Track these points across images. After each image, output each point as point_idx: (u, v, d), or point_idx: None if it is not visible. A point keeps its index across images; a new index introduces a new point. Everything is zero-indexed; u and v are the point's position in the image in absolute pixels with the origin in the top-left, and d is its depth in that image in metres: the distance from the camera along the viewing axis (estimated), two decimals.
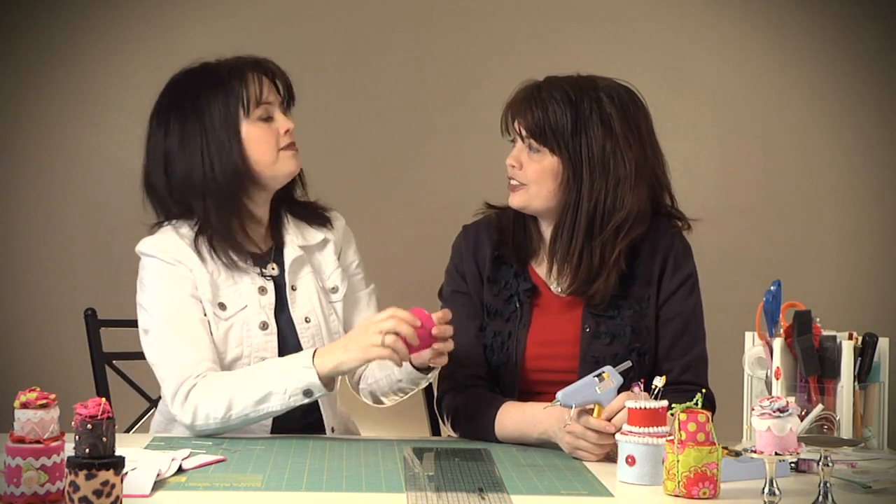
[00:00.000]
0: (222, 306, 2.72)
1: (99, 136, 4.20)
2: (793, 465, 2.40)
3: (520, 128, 2.71)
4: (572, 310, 2.74)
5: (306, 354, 2.61)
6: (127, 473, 2.10)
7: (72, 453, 1.99)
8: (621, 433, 2.29)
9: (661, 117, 2.79)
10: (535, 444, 2.58)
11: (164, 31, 4.15)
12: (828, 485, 2.08)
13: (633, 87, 2.74)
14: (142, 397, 3.09)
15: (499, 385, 2.74)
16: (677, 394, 2.46)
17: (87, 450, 1.97)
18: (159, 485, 2.18)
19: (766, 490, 2.06)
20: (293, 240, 2.81)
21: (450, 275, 2.83)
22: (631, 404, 2.29)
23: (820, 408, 2.43)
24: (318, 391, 2.59)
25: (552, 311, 2.75)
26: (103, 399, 2.00)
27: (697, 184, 4.07)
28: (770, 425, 2.04)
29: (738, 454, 2.40)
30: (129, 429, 3.02)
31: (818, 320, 2.59)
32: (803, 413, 2.37)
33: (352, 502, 2.15)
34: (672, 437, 2.17)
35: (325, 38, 4.23)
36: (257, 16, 4.20)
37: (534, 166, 2.70)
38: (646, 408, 2.28)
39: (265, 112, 2.73)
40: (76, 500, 1.95)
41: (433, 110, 4.27)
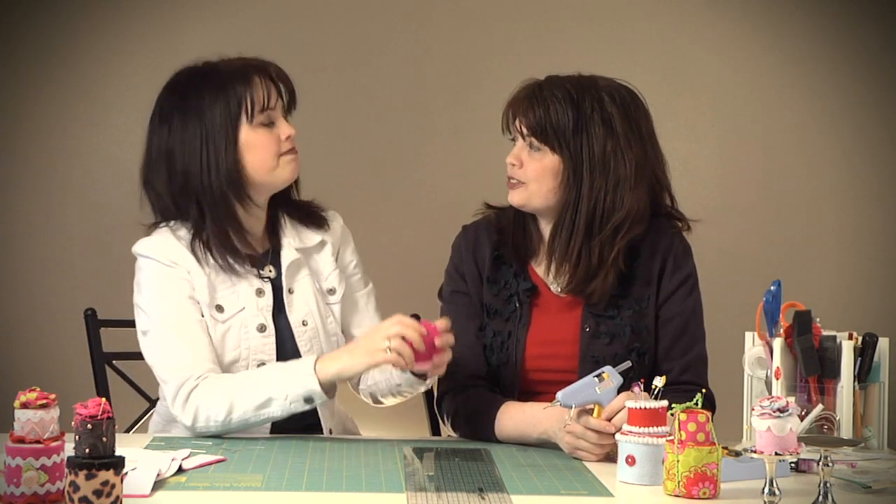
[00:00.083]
0: (220, 308, 2.71)
1: (99, 136, 4.20)
2: (793, 465, 2.40)
3: (521, 126, 2.71)
4: (572, 309, 2.74)
5: (308, 361, 2.60)
6: (127, 473, 2.09)
7: (72, 453, 1.99)
8: (621, 433, 2.29)
9: (661, 117, 2.79)
10: (535, 444, 2.58)
11: (164, 31, 4.15)
12: (828, 485, 2.08)
13: (633, 88, 2.74)
14: (142, 397, 3.09)
15: (499, 385, 2.73)
16: (677, 394, 2.46)
17: (87, 450, 1.97)
18: (159, 485, 2.17)
19: (766, 490, 2.05)
20: (290, 242, 2.80)
21: (449, 275, 2.83)
22: (631, 404, 2.29)
23: (820, 408, 2.43)
24: (319, 398, 2.58)
25: (552, 310, 2.75)
26: (103, 399, 2.00)
27: (697, 184, 4.07)
28: (770, 425, 2.04)
29: (738, 454, 2.40)
30: (129, 429, 3.02)
31: (818, 320, 2.59)
32: (803, 413, 2.37)
33: (352, 502, 2.15)
34: (672, 437, 2.17)
35: (325, 38, 4.23)
36: (257, 16, 4.20)
37: (534, 165, 2.70)
38: (646, 408, 2.27)
39: (268, 118, 2.72)
40: (76, 500, 1.95)
41: (433, 110, 4.27)
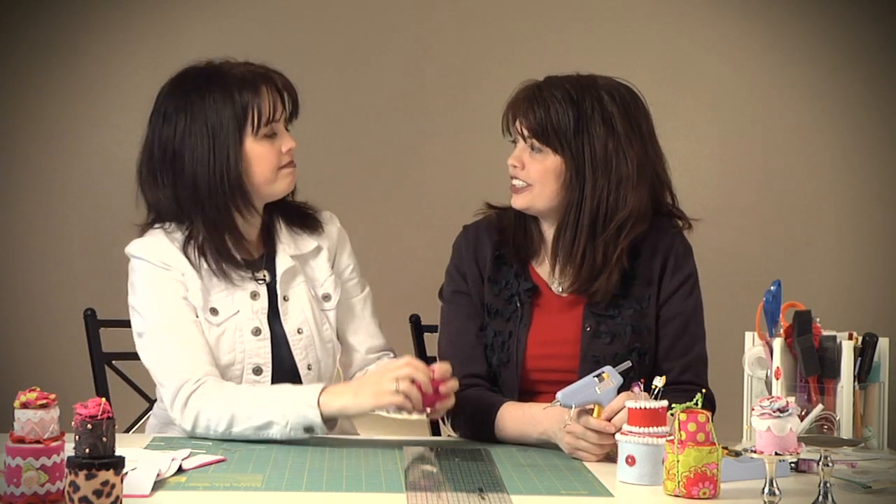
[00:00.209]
0: (214, 312, 2.69)
1: (99, 136, 4.20)
2: (793, 465, 2.40)
3: (521, 128, 2.70)
4: (573, 309, 2.74)
5: (313, 392, 2.55)
6: (127, 473, 2.09)
7: (72, 453, 1.99)
8: (621, 433, 2.29)
9: (661, 117, 2.79)
10: (535, 444, 2.58)
11: (164, 31, 4.15)
12: (828, 485, 2.08)
13: (632, 86, 2.73)
14: (141, 397, 3.09)
15: (499, 385, 2.73)
16: (677, 394, 2.46)
17: (87, 450, 1.97)
18: (159, 485, 2.17)
19: (766, 490, 2.05)
20: (285, 249, 2.77)
21: (450, 275, 2.82)
22: (631, 404, 2.29)
23: (820, 408, 2.43)
24: (320, 430, 2.54)
25: (553, 310, 2.75)
26: (103, 399, 2.00)
27: (697, 184, 4.07)
28: (770, 425, 2.04)
29: (738, 454, 2.40)
30: (128, 429, 3.02)
31: (818, 320, 2.59)
32: (803, 413, 2.37)
33: (352, 502, 2.15)
34: (672, 437, 2.17)
35: (325, 38, 4.23)
36: (257, 16, 4.20)
37: (536, 166, 2.69)
38: (646, 408, 2.27)
39: (271, 130, 2.70)
40: (76, 500, 1.95)
41: (433, 110, 4.27)
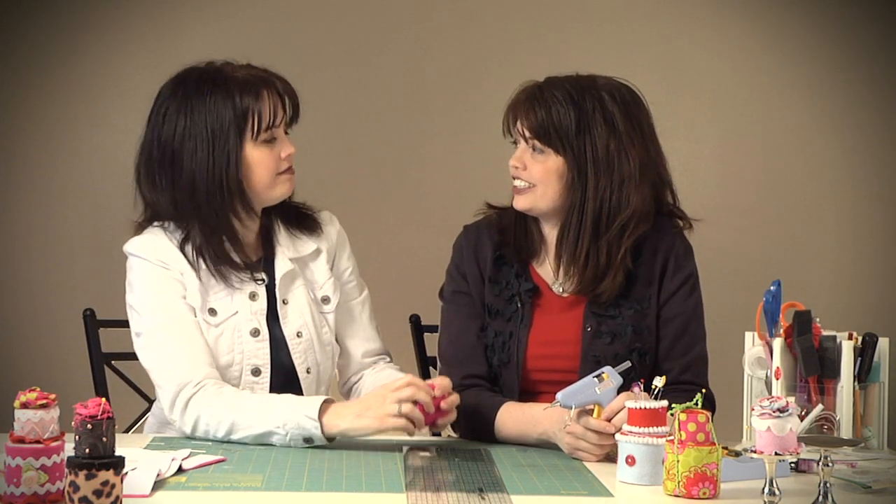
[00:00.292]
0: (212, 312, 2.68)
1: (99, 136, 4.20)
2: (793, 465, 2.39)
3: (523, 129, 2.69)
4: (573, 309, 2.74)
5: (314, 405, 2.52)
6: (127, 473, 2.09)
7: (72, 453, 1.99)
8: (621, 433, 2.29)
9: (661, 117, 2.79)
10: (534, 444, 2.58)
11: (164, 31, 4.16)
12: (828, 485, 2.08)
13: (632, 86, 2.73)
14: (141, 397, 3.08)
15: (500, 385, 2.73)
16: (677, 394, 2.46)
17: (87, 450, 1.97)
18: (159, 485, 2.17)
19: (766, 490, 2.05)
20: (284, 252, 2.76)
21: (450, 275, 2.81)
22: (631, 404, 2.29)
23: (820, 408, 2.43)
24: (320, 442, 2.53)
25: (553, 311, 2.74)
26: (103, 399, 2.00)
27: (697, 184, 4.07)
28: (770, 425, 2.04)
29: (738, 454, 2.40)
30: (128, 429, 3.02)
31: (818, 320, 2.58)
32: (803, 413, 2.37)
33: (352, 502, 2.15)
34: (672, 437, 2.17)
35: (325, 38, 4.23)
36: (257, 16, 4.20)
37: (538, 167, 2.68)
38: (646, 408, 2.27)
39: (270, 136, 2.68)
40: (76, 500, 1.95)
41: (433, 110, 4.27)
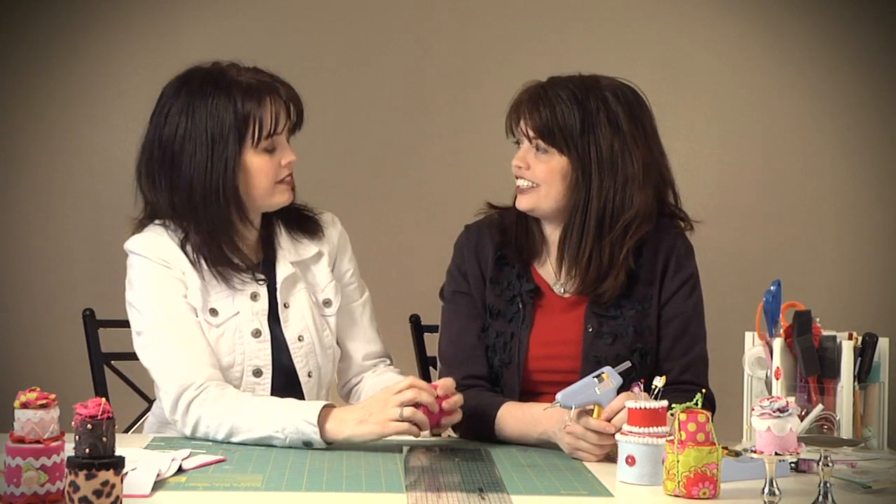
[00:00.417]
0: (213, 312, 2.67)
1: (99, 136, 4.20)
2: (793, 465, 2.39)
3: (527, 129, 2.68)
4: (575, 310, 2.73)
5: (314, 410, 2.51)
6: (127, 473, 2.09)
7: (72, 453, 1.99)
8: (621, 433, 2.29)
9: (661, 117, 2.78)
10: (535, 445, 2.58)
11: (164, 31, 4.16)
12: (828, 485, 2.08)
13: (635, 86, 2.72)
14: (140, 398, 3.08)
15: (501, 385, 2.72)
16: (677, 394, 2.46)
17: (87, 450, 1.97)
18: (159, 485, 2.17)
19: (766, 490, 2.05)
20: (285, 255, 2.75)
21: (451, 275, 2.81)
22: (631, 404, 2.29)
23: (820, 408, 2.43)
24: (319, 446, 2.52)
25: (555, 311, 2.74)
26: (103, 399, 2.00)
27: (697, 184, 4.06)
28: (770, 425, 2.04)
29: (738, 454, 2.40)
30: (128, 429, 3.02)
31: (818, 320, 2.58)
32: (803, 413, 2.37)
33: (352, 502, 2.15)
34: (672, 438, 2.17)
35: (325, 38, 4.23)
36: (257, 16, 4.20)
37: (542, 167, 2.67)
38: (646, 408, 2.27)
39: (271, 144, 2.67)
40: (76, 500, 1.95)
41: (433, 110, 4.27)
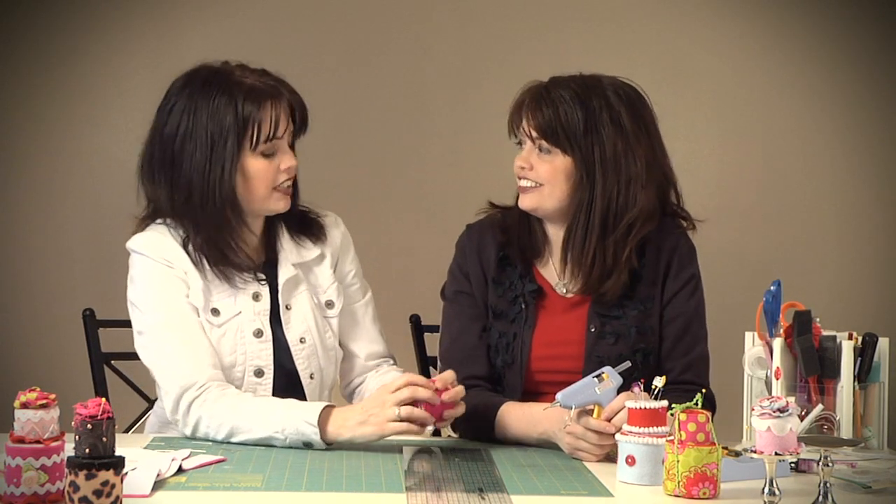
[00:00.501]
0: (215, 312, 2.67)
1: (99, 136, 4.20)
2: (793, 465, 2.40)
3: (529, 129, 2.67)
4: (577, 310, 2.72)
5: (314, 411, 2.51)
6: (127, 473, 2.09)
7: (72, 453, 1.99)
8: (621, 433, 2.29)
9: (662, 117, 2.78)
10: (535, 445, 2.58)
11: (164, 31, 4.16)
12: (828, 485, 2.08)
13: (636, 85, 2.72)
14: (141, 397, 3.08)
15: (503, 385, 2.72)
16: (678, 393, 2.46)
17: (87, 450, 1.97)
18: (159, 485, 2.17)
19: (766, 490, 2.05)
20: (287, 257, 2.74)
21: (453, 274, 2.80)
22: (631, 404, 2.29)
23: (820, 408, 2.43)
24: (319, 447, 2.52)
25: (557, 311, 2.73)
26: (103, 399, 2.00)
27: (697, 184, 4.04)
28: (770, 425, 2.04)
29: (738, 454, 2.40)
30: (128, 429, 3.02)
31: (818, 320, 2.58)
32: (803, 413, 2.37)
33: (352, 502, 2.15)
34: (672, 438, 2.17)
35: (325, 39, 4.23)
36: (257, 16, 4.20)
37: (545, 167, 2.67)
38: (646, 408, 2.27)
39: (271, 148, 2.66)
40: (76, 500, 1.95)
41: (433, 110, 4.27)
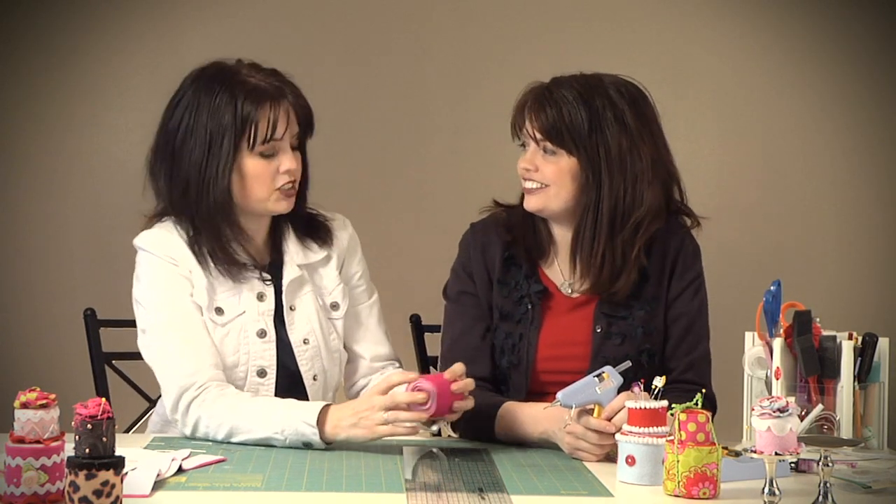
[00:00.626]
0: (219, 311, 2.66)
1: (99, 136, 4.20)
2: (793, 465, 2.40)
3: (533, 131, 2.65)
4: (582, 310, 2.71)
5: (313, 411, 2.51)
6: (127, 473, 2.09)
7: (72, 453, 1.99)
8: (621, 433, 2.29)
9: (662, 117, 2.78)
10: (535, 444, 2.58)
11: (164, 31, 4.16)
12: (828, 485, 2.08)
13: (638, 83, 2.70)
14: (141, 397, 3.08)
15: (508, 386, 2.71)
16: (678, 392, 2.46)
17: (87, 450, 1.97)
18: (159, 485, 2.17)
19: (766, 490, 2.05)
20: (293, 258, 2.73)
21: (456, 274, 2.78)
22: (631, 404, 2.29)
23: (820, 408, 2.43)
24: (319, 446, 2.52)
25: (563, 312, 2.72)
26: (103, 399, 2.00)
27: (697, 184, 4.03)
28: (770, 425, 2.04)
29: (738, 454, 2.40)
30: (128, 429, 3.02)
31: (818, 320, 2.58)
32: (803, 413, 2.37)
33: (352, 502, 2.15)
34: (672, 438, 2.17)
35: (325, 39, 4.23)
36: (257, 16, 4.20)
37: (550, 167, 2.65)
38: (646, 408, 2.27)
39: (271, 149, 2.64)
40: (76, 500, 1.95)
41: (433, 110, 4.27)
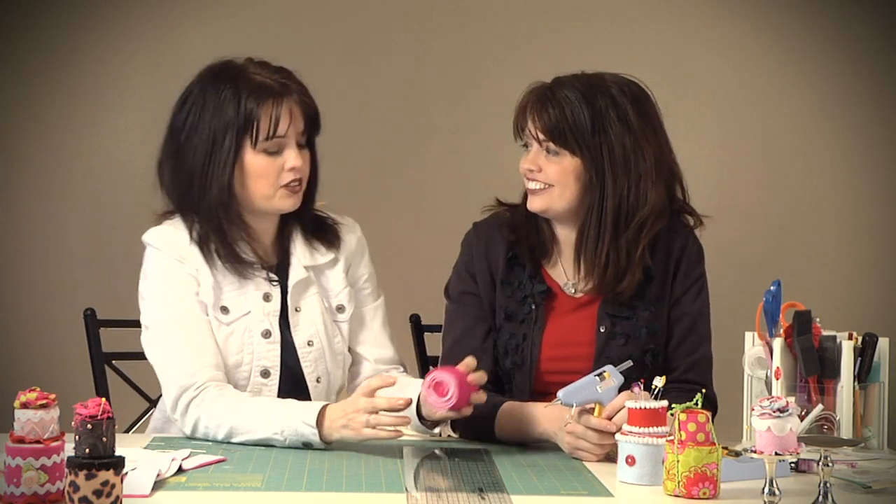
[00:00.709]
0: (224, 310, 2.66)
1: (99, 136, 4.20)
2: (793, 465, 2.40)
3: (536, 131, 2.64)
4: (586, 310, 2.71)
5: (313, 411, 2.50)
6: (127, 473, 2.09)
7: (72, 453, 1.99)
8: (621, 433, 2.29)
9: (662, 117, 2.78)
10: (535, 445, 2.58)
11: (164, 31, 4.16)
12: (828, 485, 2.08)
13: (639, 81, 2.69)
14: (141, 397, 3.08)
15: (512, 386, 2.70)
16: (679, 392, 2.46)
17: (87, 450, 1.97)
18: (159, 485, 2.17)
19: (766, 490, 2.05)
20: (299, 260, 2.72)
21: (458, 274, 2.76)
22: (631, 404, 2.29)
23: (820, 408, 2.43)
24: (318, 446, 2.52)
25: (566, 312, 2.71)
26: (103, 399, 2.00)
27: (697, 184, 4.03)
28: (770, 425, 2.04)
29: (738, 454, 2.40)
30: (128, 429, 3.02)
31: (818, 320, 2.58)
32: (803, 413, 2.37)
33: (352, 502, 2.15)
34: (672, 437, 2.17)
35: (325, 39, 4.24)
36: (257, 16, 4.21)
37: (554, 168, 2.64)
38: (646, 408, 2.27)
39: (275, 145, 2.63)
40: (76, 500, 1.95)
41: (433, 110, 4.27)
